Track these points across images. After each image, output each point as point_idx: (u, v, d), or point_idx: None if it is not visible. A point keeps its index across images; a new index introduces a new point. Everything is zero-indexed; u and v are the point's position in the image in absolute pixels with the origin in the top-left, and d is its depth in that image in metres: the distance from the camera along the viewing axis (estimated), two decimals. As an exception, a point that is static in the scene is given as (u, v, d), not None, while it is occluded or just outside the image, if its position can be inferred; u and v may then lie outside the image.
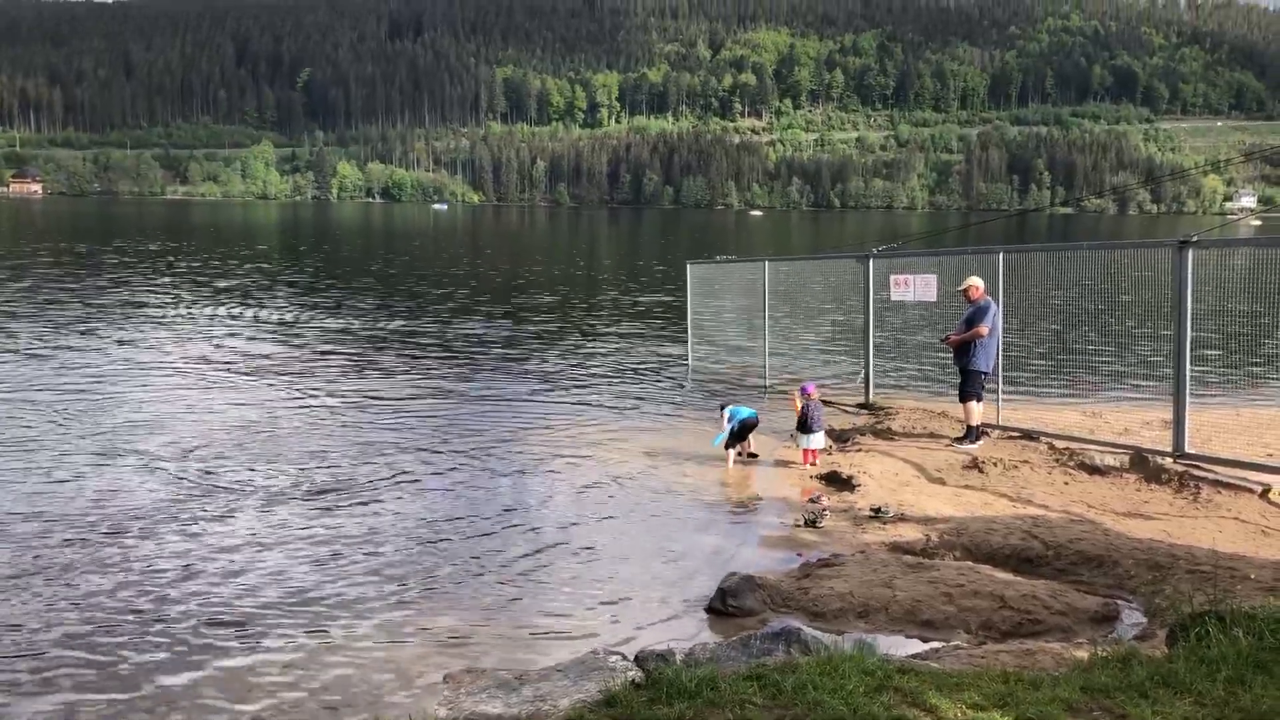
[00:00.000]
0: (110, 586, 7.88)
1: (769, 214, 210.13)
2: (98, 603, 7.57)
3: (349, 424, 13.93)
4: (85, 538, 8.98)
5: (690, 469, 11.67)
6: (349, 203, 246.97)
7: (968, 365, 12.29)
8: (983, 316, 12.20)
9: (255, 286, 34.86)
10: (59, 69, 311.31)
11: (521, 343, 22.50)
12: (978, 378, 12.25)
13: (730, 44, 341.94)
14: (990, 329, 12.21)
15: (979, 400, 12.28)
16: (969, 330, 12.29)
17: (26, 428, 13.23)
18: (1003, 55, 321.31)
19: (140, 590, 7.82)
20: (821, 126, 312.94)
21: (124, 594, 7.75)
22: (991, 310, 12.27)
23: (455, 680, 5.80)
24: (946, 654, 6.07)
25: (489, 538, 9.20)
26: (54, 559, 8.44)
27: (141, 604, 7.58)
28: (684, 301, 20.72)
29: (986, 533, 8.82)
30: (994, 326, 12.29)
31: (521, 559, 8.69)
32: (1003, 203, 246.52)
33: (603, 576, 8.33)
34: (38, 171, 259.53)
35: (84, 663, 6.61)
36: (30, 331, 22.35)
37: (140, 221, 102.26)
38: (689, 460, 11.93)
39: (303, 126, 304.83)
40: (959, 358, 12.49)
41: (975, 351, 12.24)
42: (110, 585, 7.90)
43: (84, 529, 9.21)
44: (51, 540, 8.88)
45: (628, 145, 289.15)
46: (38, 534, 9.04)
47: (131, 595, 7.72)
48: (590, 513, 10.01)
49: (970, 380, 12.27)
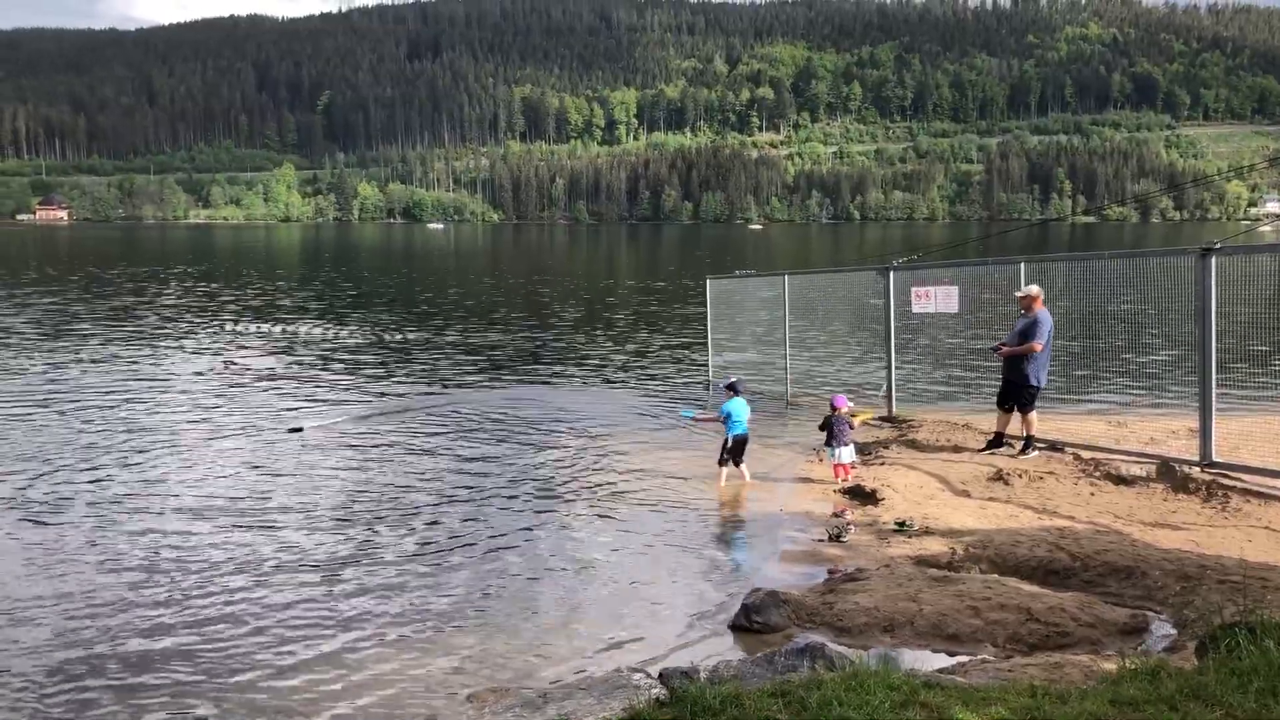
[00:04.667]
0: (134, 600, 7.93)
1: (788, 227, 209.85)
2: (124, 613, 7.62)
3: (373, 443, 13.98)
4: (115, 545, 9.05)
5: (712, 484, 11.64)
6: (370, 224, 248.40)
7: (1022, 380, 12.00)
8: (1039, 331, 11.86)
9: (310, 304, 35.13)
10: (83, 97, 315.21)
11: (540, 358, 22.55)
12: (1029, 391, 12.01)
13: (747, 58, 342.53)
14: (1044, 343, 11.90)
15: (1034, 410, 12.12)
16: (1023, 343, 11.97)
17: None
18: (1021, 65, 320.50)
19: (162, 606, 7.86)
20: (840, 139, 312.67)
21: (144, 609, 7.79)
22: (1048, 324, 11.95)
23: (480, 699, 5.80)
24: (973, 668, 6.03)
25: (509, 556, 9.20)
26: (86, 575, 8.51)
27: (165, 619, 7.62)
28: (704, 315, 20.71)
29: (1012, 545, 8.75)
30: (1048, 340, 11.97)
31: (543, 577, 8.68)
32: (1024, 212, 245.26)
33: (626, 593, 8.31)
34: (63, 199, 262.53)
35: (122, 677, 6.65)
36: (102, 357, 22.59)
37: (180, 245, 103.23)
38: (710, 476, 11.90)
39: (323, 149, 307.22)
40: (1010, 370, 12.17)
41: (1029, 366, 11.96)
42: (134, 599, 7.96)
43: (113, 532, 9.29)
44: (81, 559, 8.96)
45: (646, 162, 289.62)
46: (59, 546, 9.12)
47: (155, 610, 7.77)
48: (612, 529, 10.00)
49: (1023, 394, 12.03)
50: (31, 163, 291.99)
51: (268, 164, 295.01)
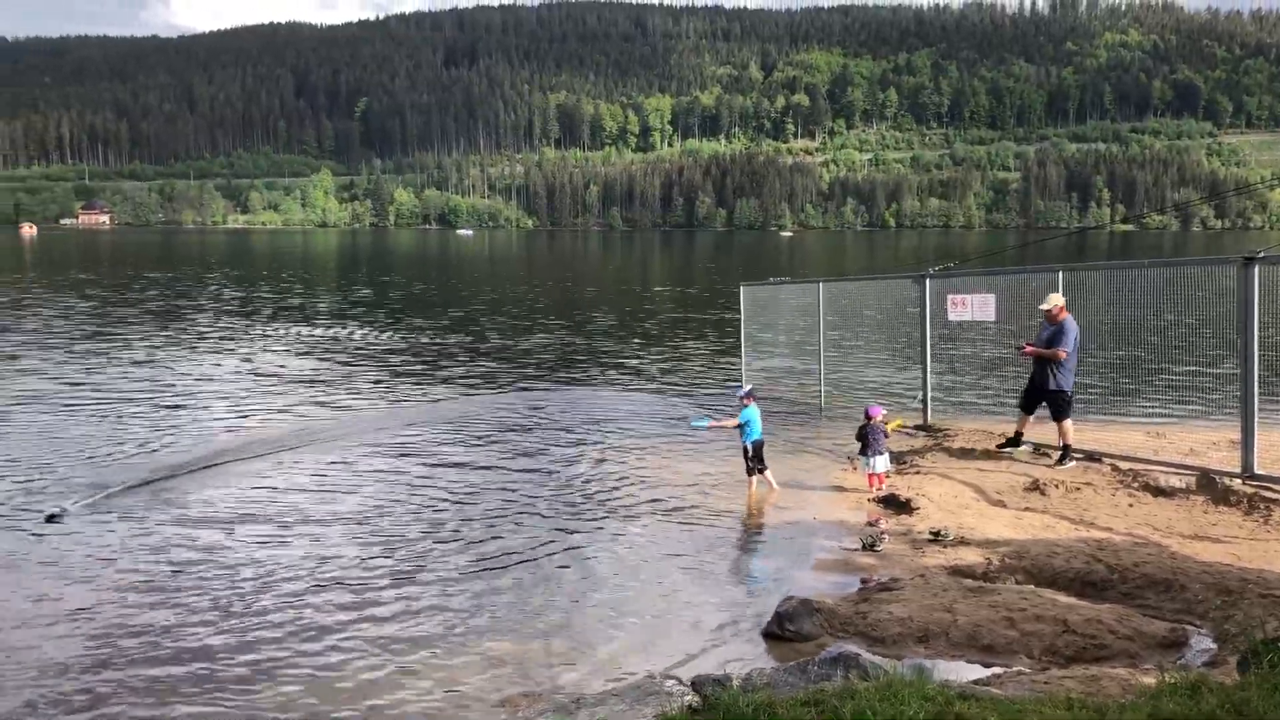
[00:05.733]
0: (172, 607, 8.03)
1: (822, 234, 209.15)
2: (167, 616, 7.72)
3: (406, 450, 14.07)
4: (163, 543, 9.17)
5: (743, 491, 11.60)
6: (406, 229, 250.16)
7: (1050, 386, 12.13)
8: (1064, 338, 12.02)
9: (355, 307, 35.44)
10: (126, 104, 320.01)
11: (574, 363, 22.59)
12: (1063, 397, 12.12)
13: (783, 65, 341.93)
14: (1070, 350, 12.05)
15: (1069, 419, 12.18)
16: (1048, 349, 12.13)
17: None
18: (1059, 72, 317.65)
19: (201, 615, 7.95)
20: (876, 146, 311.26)
21: (182, 617, 7.88)
22: (1074, 332, 12.08)
23: (513, 704, 5.81)
24: (1009, 680, 5.97)
25: (541, 562, 9.22)
26: (139, 568, 8.62)
27: (202, 628, 7.70)
28: (738, 322, 20.68)
29: (1049, 556, 8.66)
30: (1075, 347, 12.12)
31: (576, 583, 8.70)
32: (1061, 221, 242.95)
33: (658, 600, 8.30)
34: (105, 203, 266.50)
35: (167, 673, 6.74)
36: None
37: (218, 250, 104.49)
38: (743, 483, 11.87)
39: (360, 155, 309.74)
40: (1038, 376, 12.33)
41: (1058, 373, 12.10)
42: (171, 607, 8.05)
43: (149, 540, 9.41)
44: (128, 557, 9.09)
45: (680, 168, 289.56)
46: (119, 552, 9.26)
47: (192, 617, 7.85)
48: (643, 536, 9.99)
49: (1059, 401, 12.12)
50: (75, 168, 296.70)
51: (305, 170, 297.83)
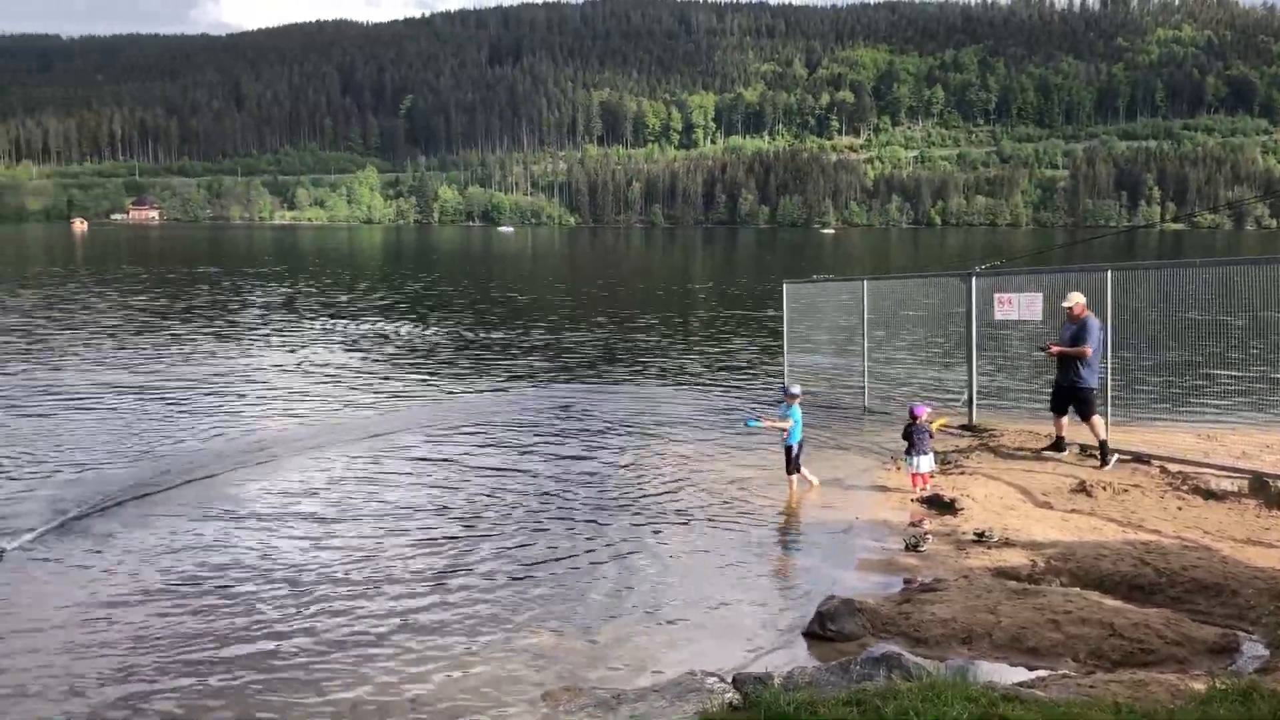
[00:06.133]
0: (216, 602, 8.16)
1: (866, 232, 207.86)
2: (211, 612, 7.85)
3: (451, 450, 14.17)
4: (207, 542, 9.33)
5: (785, 490, 11.57)
6: (449, 226, 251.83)
7: (1077, 384, 12.16)
8: (1089, 336, 12.04)
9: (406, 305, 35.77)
10: (175, 101, 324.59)
11: (616, 359, 22.62)
12: (1090, 394, 12.14)
13: (827, 62, 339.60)
14: (1095, 347, 12.05)
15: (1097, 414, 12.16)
16: (1073, 347, 12.14)
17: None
18: (1110, 68, 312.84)
19: (243, 606, 8.07)
20: (921, 143, 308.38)
21: (226, 610, 8.01)
22: (1097, 328, 12.10)
23: (554, 698, 5.84)
24: (1053, 682, 5.91)
25: (584, 559, 9.25)
26: (195, 565, 8.78)
27: (246, 620, 7.82)
28: (780, 319, 20.59)
29: (1095, 558, 8.56)
30: (1099, 344, 12.12)
31: (617, 581, 8.72)
32: (1110, 219, 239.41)
33: (699, 598, 8.30)
34: (155, 199, 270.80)
35: (213, 659, 6.86)
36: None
37: (266, 246, 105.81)
38: (784, 481, 11.83)
39: (405, 152, 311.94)
40: (1065, 375, 12.35)
41: (1084, 370, 12.11)
42: (217, 601, 8.19)
43: (208, 529, 9.57)
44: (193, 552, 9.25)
45: (723, 165, 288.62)
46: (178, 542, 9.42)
47: (237, 610, 7.98)
48: (686, 534, 10.00)
49: (1086, 399, 12.13)
50: (126, 164, 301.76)
51: (351, 166, 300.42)
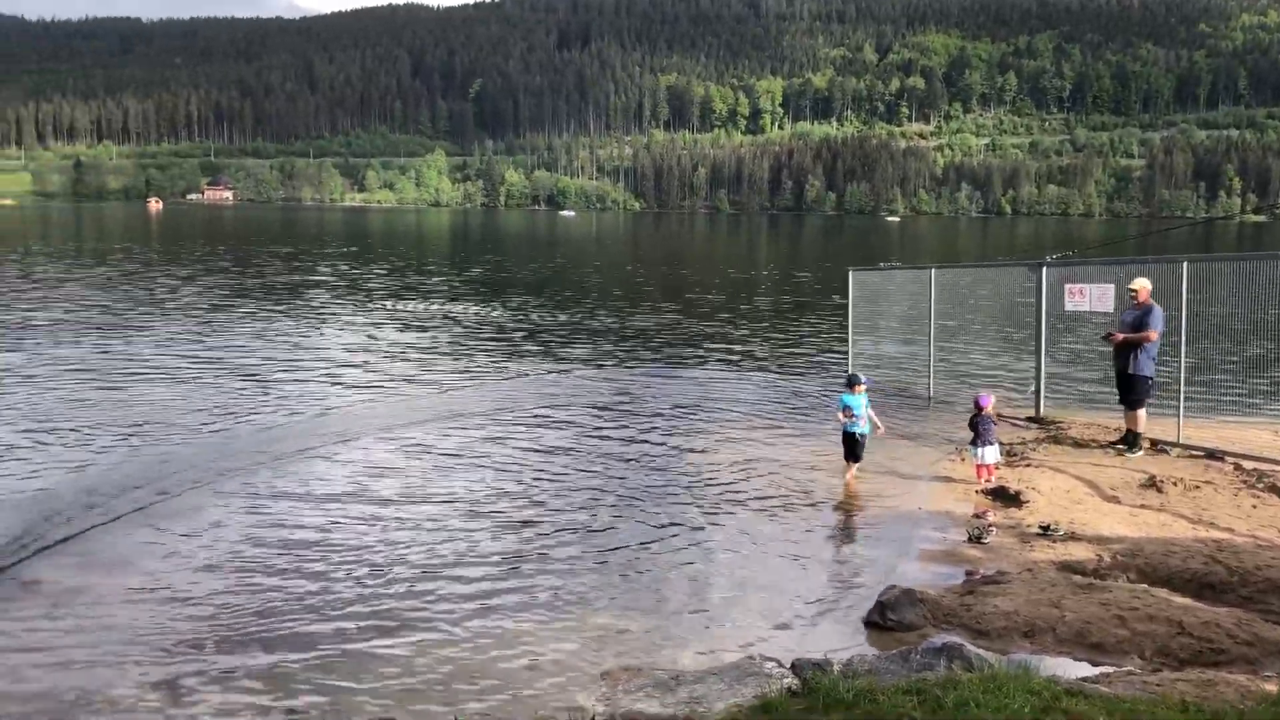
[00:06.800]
0: (286, 578, 8.36)
1: (934, 220, 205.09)
2: (284, 592, 8.04)
3: (519, 431, 14.31)
4: (276, 522, 9.55)
5: (845, 478, 11.51)
6: (515, 210, 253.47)
7: (1134, 370, 12.06)
8: (1154, 320, 11.96)
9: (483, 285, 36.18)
10: (250, 83, 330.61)
11: (681, 343, 22.61)
12: (1145, 383, 12.03)
13: (898, 47, 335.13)
14: (1161, 331, 12.01)
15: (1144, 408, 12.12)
16: (1134, 334, 12.04)
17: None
18: (1190, 55, 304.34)
19: (333, 580, 8.26)
20: (993, 131, 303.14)
21: (296, 588, 8.20)
22: (1162, 316, 12.02)
23: (613, 677, 5.89)
24: (1118, 679, 5.83)
25: (645, 544, 9.30)
26: (261, 533, 9.01)
27: (315, 600, 8.00)
28: (845, 307, 20.44)
29: (1164, 555, 8.40)
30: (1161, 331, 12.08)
31: (678, 565, 8.75)
32: (1187, 210, 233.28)
33: (758, 583, 8.31)
34: (229, 180, 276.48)
35: (287, 635, 7.06)
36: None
37: (338, 227, 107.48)
38: (842, 469, 11.78)
39: (473, 136, 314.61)
40: (1121, 361, 12.25)
41: (1141, 357, 12.02)
42: (287, 578, 8.38)
43: (277, 509, 9.80)
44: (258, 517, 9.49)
45: (790, 151, 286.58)
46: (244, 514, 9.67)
47: (306, 588, 8.17)
48: (747, 520, 10.00)
49: (1139, 387, 12.02)
50: (201, 145, 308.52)
51: (420, 150, 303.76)
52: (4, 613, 7.49)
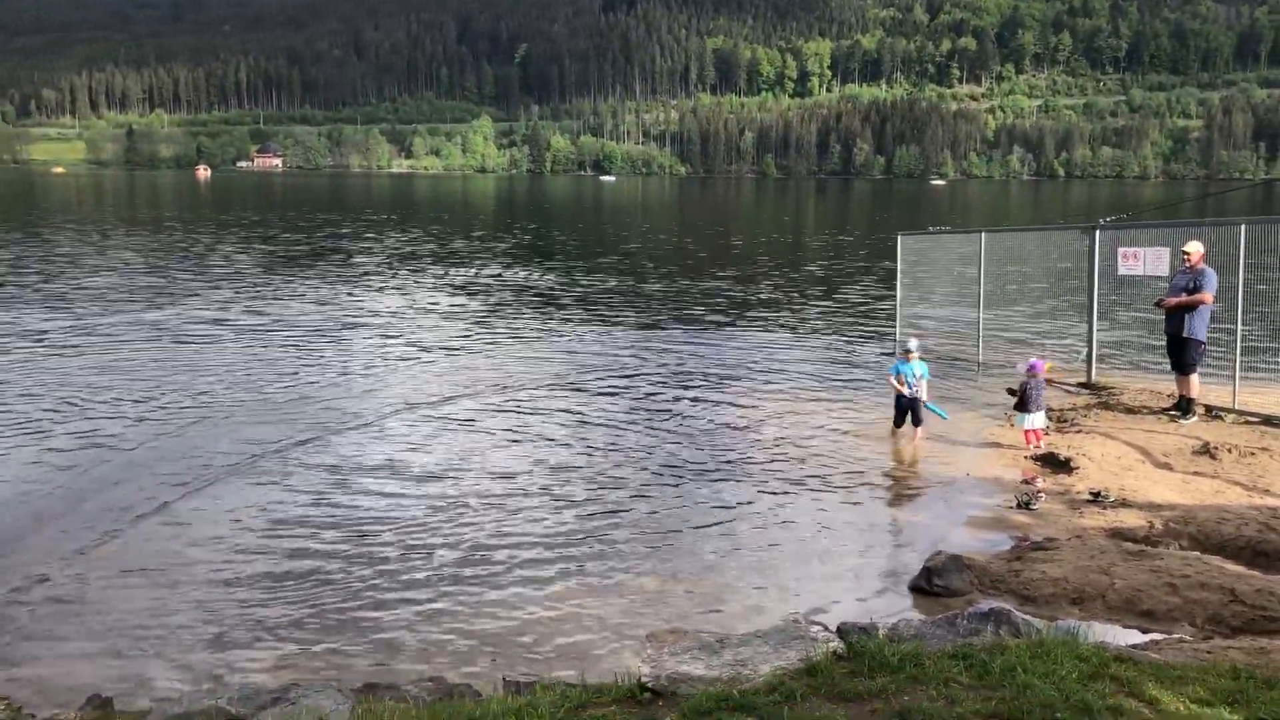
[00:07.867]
0: (340, 551, 8.51)
1: (985, 183, 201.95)
2: (337, 559, 8.19)
3: (564, 403, 14.39)
4: (325, 494, 9.72)
5: (896, 445, 11.46)
6: (561, 175, 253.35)
7: (1187, 333, 11.87)
8: (1207, 284, 11.74)
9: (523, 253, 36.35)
10: (298, 50, 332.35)
11: (729, 308, 22.54)
12: (1198, 347, 11.85)
13: (949, 7, 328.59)
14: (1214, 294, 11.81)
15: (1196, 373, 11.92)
16: (1188, 297, 11.82)
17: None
18: (1253, 11, 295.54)
19: (388, 547, 8.40)
20: (1046, 92, 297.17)
21: (351, 556, 8.35)
22: (1214, 279, 11.81)
23: (658, 639, 5.93)
24: (1168, 646, 5.78)
25: (692, 510, 9.34)
26: (324, 496, 9.17)
27: (369, 569, 8.14)
28: (895, 271, 20.24)
29: (1218, 522, 8.29)
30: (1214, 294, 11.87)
31: (724, 527, 8.80)
32: (1246, 172, 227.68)
33: (805, 548, 8.33)
34: (278, 146, 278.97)
35: (340, 604, 7.21)
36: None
37: (387, 193, 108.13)
38: (896, 436, 11.71)
39: (519, 101, 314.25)
40: (1173, 325, 12.04)
41: (1195, 320, 11.82)
42: (344, 550, 8.54)
43: (326, 482, 9.97)
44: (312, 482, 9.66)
45: (838, 115, 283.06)
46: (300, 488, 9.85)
47: (380, 558, 8.31)
48: (793, 485, 10.00)
49: (1191, 350, 11.83)
50: (251, 113, 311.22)
51: (466, 116, 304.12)
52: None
